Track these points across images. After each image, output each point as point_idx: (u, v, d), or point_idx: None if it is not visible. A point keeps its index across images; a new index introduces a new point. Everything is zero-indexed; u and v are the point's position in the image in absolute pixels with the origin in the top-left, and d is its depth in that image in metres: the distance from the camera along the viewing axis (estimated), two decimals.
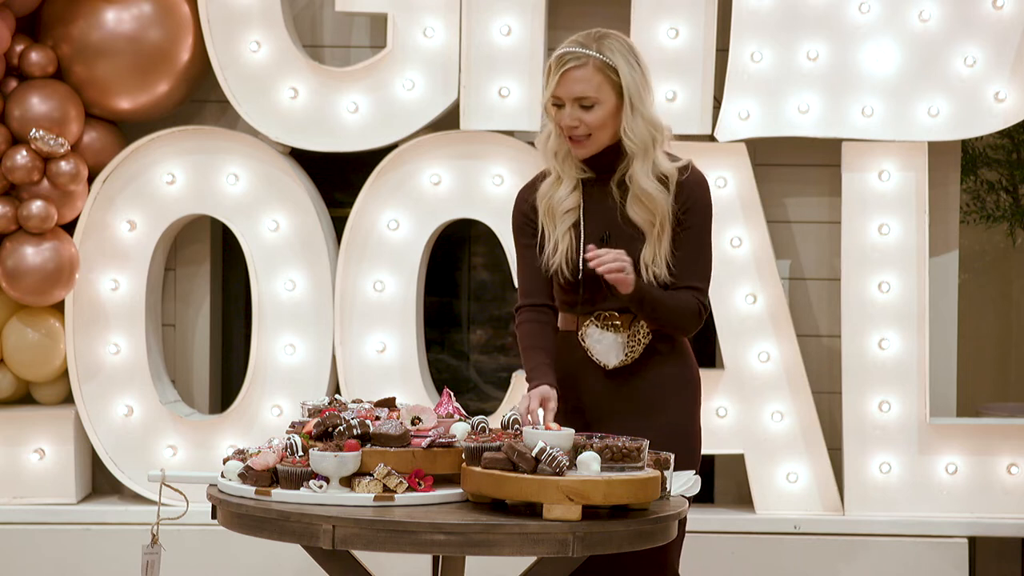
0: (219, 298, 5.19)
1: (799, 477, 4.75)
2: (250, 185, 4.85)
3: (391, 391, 4.71)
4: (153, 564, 3.30)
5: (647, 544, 3.03)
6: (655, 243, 3.35)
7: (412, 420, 3.15)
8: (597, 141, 3.36)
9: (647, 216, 3.35)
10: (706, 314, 3.41)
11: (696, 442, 3.50)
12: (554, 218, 3.41)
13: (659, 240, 3.35)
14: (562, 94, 3.32)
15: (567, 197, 3.39)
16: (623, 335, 3.40)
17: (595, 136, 3.34)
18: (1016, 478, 4.75)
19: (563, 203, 3.39)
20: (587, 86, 3.30)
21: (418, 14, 4.76)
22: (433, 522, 2.90)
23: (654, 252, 3.35)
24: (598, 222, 3.39)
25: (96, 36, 4.75)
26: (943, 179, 4.87)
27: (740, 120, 4.71)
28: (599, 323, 3.40)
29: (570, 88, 3.31)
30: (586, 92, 3.31)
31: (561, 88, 3.32)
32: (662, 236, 3.35)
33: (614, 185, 3.39)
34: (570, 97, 3.32)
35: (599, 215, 3.40)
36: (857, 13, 4.69)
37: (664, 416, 3.41)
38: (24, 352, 4.82)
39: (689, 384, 3.49)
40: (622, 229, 3.38)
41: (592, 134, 3.34)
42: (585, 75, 3.31)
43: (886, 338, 4.73)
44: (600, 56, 3.31)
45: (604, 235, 3.38)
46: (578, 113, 3.32)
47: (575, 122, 3.32)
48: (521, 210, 3.48)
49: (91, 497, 4.98)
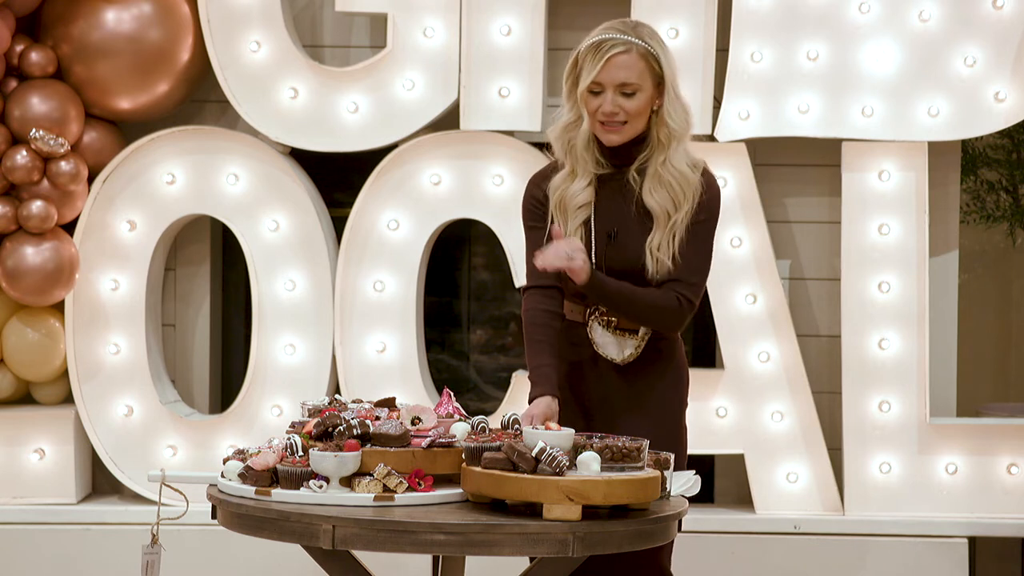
0: (219, 298, 5.19)
1: (799, 477, 4.75)
2: (250, 185, 4.85)
3: (391, 391, 4.71)
4: (153, 564, 3.30)
5: (647, 544, 3.04)
6: (668, 231, 3.36)
7: (412, 420, 3.15)
8: (633, 128, 3.37)
9: (668, 202, 3.36)
10: (691, 310, 3.40)
11: (684, 441, 3.54)
12: (566, 212, 3.41)
13: (674, 228, 3.36)
14: (604, 80, 3.32)
15: (581, 192, 3.40)
16: (623, 334, 3.42)
17: (631, 123, 3.36)
18: (1016, 478, 4.75)
19: (576, 198, 3.40)
20: (631, 72, 3.32)
21: (418, 14, 4.76)
22: (433, 522, 2.90)
23: (665, 240, 3.36)
24: (609, 218, 3.40)
25: (96, 36, 4.75)
26: (943, 179, 4.87)
27: (740, 120, 4.71)
28: (601, 321, 3.42)
29: (614, 74, 3.32)
30: (630, 79, 3.32)
31: (604, 74, 3.32)
32: (679, 225, 3.36)
33: (634, 172, 3.39)
34: (613, 83, 3.32)
35: (611, 210, 3.40)
36: (857, 13, 4.69)
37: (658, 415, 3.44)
38: (24, 352, 4.82)
39: (681, 383, 3.53)
40: (633, 221, 3.38)
41: (629, 121, 3.35)
42: (629, 61, 3.32)
43: (886, 338, 4.73)
44: (643, 43, 3.33)
45: (612, 231, 3.39)
46: (620, 100, 3.33)
47: (616, 109, 3.33)
48: (532, 194, 3.48)
49: (91, 497, 4.98)
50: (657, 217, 3.36)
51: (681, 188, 3.36)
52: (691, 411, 4.75)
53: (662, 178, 3.36)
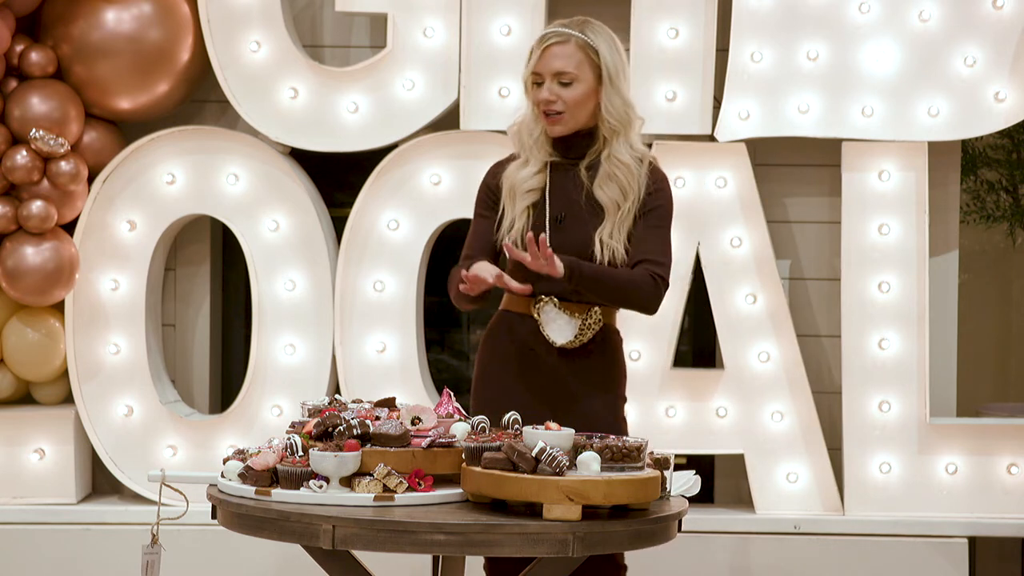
0: (219, 298, 5.19)
1: (799, 477, 4.75)
2: (250, 185, 4.85)
3: (391, 391, 4.71)
4: (153, 564, 3.30)
5: (647, 544, 3.04)
6: (618, 221, 3.44)
7: (412, 420, 3.15)
8: (573, 119, 3.46)
9: (617, 194, 3.44)
10: (665, 288, 3.46)
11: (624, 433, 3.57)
12: (515, 198, 3.50)
13: (624, 219, 3.44)
14: (542, 70, 3.45)
15: (531, 178, 3.50)
16: (577, 319, 3.46)
17: (571, 114, 3.45)
18: (1016, 478, 4.75)
19: (526, 183, 3.50)
20: (567, 62, 3.43)
21: (418, 14, 4.76)
22: (433, 522, 2.90)
23: (614, 229, 3.44)
24: (558, 203, 3.48)
25: (96, 36, 4.75)
26: (943, 179, 4.87)
27: (740, 120, 4.71)
28: (557, 303, 3.46)
29: (550, 64, 3.44)
30: (566, 68, 3.43)
31: (542, 64, 3.45)
32: (628, 215, 3.44)
33: (583, 167, 3.48)
34: (550, 72, 3.44)
35: (561, 196, 3.48)
36: (857, 13, 4.69)
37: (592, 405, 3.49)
38: (24, 352, 4.82)
39: (620, 379, 3.57)
40: (582, 209, 3.46)
41: (567, 112, 3.44)
42: (566, 51, 3.44)
43: (886, 338, 4.73)
44: (582, 36, 3.44)
45: (560, 216, 3.46)
46: (556, 89, 3.43)
47: (553, 97, 3.43)
48: (487, 183, 3.60)
49: (91, 497, 4.98)
50: (607, 208, 3.45)
51: (627, 180, 3.45)
52: (691, 411, 4.79)
53: (609, 171, 3.46)
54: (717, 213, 4.74)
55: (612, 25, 3.65)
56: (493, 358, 3.56)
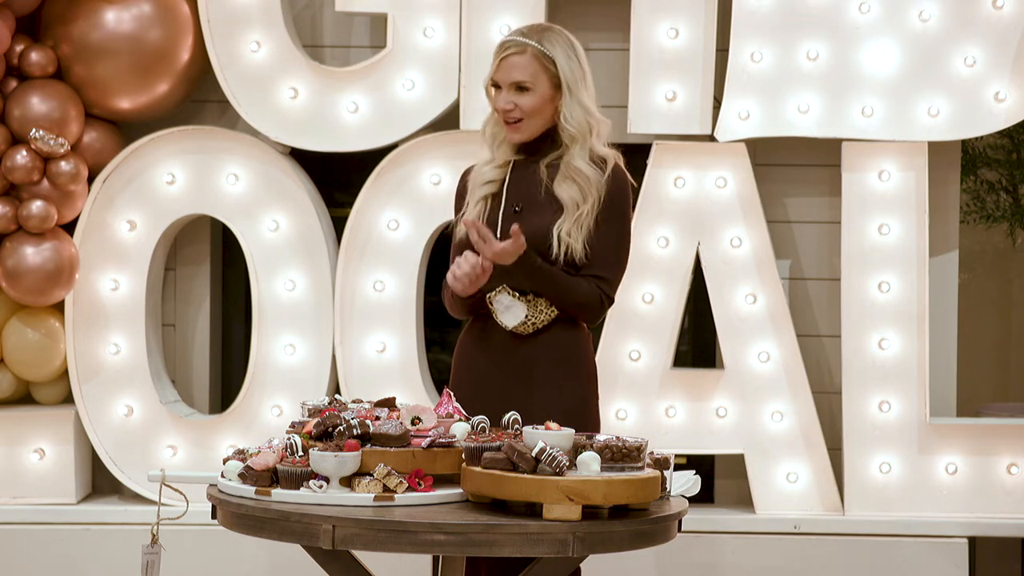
0: (219, 298, 5.19)
1: (799, 477, 4.75)
2: (250, 185, 4.85)
3: (391, 391, 4.71)
4: (153, 564, 3.30)
5: (647, 544, 3.04)
6: (577, 220, 3.46)
7: (412, 420, 3.15)
8: (531, 126, 3.51)
9: (576, 194, 3.48)
10: (609, 305, 3.52)
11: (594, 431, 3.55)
12: (474, 190, 3.58)
13: (583, 219, 3.47)
14: (500, 79, 3.52)
15: (492, 171, 3.58)
16: (528, 305, 3.48)
17: (528, 121, 3.51)
18: (1016, 478, 4.75)
19: (486, 176, 3.57)
20: (523, 72, 3.49)
21: (418, 14, 4.76)
22: (433, 522, 2.90)
23: (573, 227, 3.47)
24: (517, 195, 3.53)
25: (96, 36, 4.75)
26: (943, 179, 4.87)
27: (740, 120, 4.71)
28: (511, 291, 3.49)
29: (507, 73, 3.50)
30: (522, 77, 3.49)
31: (499, 73, 3.52)
32: (588, 216, 3.47)
33: (543, 165, 3.53)
34: (507, 82, 3.50)
35: (520, 189, 3.54)
36: (857, 13, 4.69)
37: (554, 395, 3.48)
38: (24, 352, 4.82)
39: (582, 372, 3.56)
40: (541, 203, 3.50)
41: (525, 119, 3.50)
42: (522, 62, 3.49)
43: (886, 338, 4.73)
44: (539, 46, 3.50)
45: (517, 206, 3.52)
46: (513, 97, 3.50)
47: (509, 105, 3.50)
48: (459, 189, 3.67)
49: (91, 497, 4.98)
50: (566, 205, 3.48)
51: (585, 185, 3.48)
52: (691, 411, 4.79)
53: (567, 175, 3.50)
54: (717, 213, 4.74)
55: (612, 25, 3.66)
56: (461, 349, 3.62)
